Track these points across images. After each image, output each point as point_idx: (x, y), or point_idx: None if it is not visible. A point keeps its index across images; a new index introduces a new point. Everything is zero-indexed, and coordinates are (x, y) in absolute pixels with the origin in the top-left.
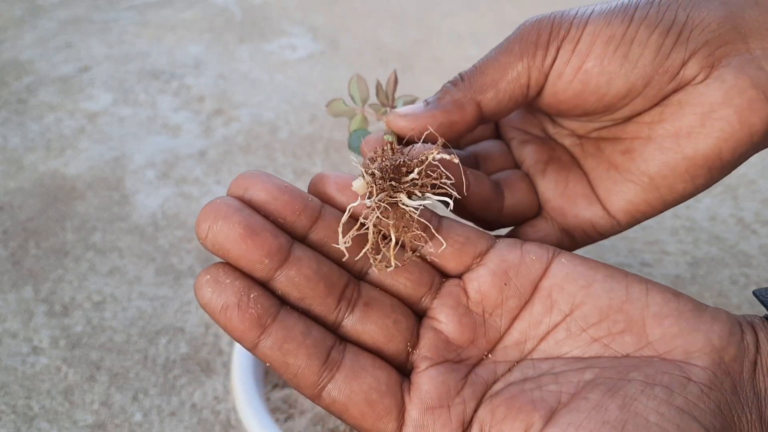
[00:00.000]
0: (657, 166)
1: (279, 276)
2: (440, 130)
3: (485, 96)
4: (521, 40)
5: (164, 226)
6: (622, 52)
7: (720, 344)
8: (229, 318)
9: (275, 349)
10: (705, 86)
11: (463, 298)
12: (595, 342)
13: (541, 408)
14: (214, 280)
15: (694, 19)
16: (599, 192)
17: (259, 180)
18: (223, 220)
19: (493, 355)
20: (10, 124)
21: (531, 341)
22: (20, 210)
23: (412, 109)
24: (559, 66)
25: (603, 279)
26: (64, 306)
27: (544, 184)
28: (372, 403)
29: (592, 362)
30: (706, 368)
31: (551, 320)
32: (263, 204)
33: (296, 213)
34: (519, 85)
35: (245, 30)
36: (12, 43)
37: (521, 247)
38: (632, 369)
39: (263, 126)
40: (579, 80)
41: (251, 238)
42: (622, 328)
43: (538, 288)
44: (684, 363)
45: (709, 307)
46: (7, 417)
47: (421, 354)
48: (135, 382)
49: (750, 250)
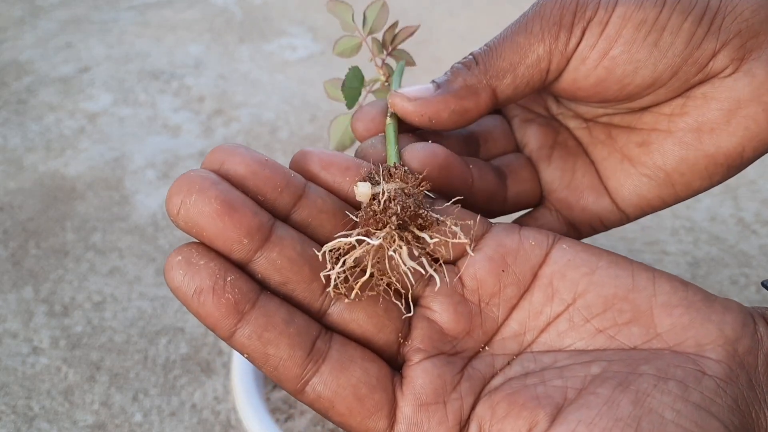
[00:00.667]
0: (675, 162)
1: (259, 258)
2: (452, 118)
3: (502, 82)
4: (542, 18)
5: (164, 226)
6: (652, 39)
7: (734, 335)
8: (202, 303)
9: (254, 338)
10: (733, 80)
11: (458, 286)
12: (600, 333)
13: (546, 405)
14: (186, 261)
15: (728, 5)
16: (609, 184)
17: (237, 153)
18: (197, 194)
19: (491, 348)
20: (10, 124)
21: (531, 333)
22: (20, 210)
23: (422, 92)
24: (583, 50)
25: (607, 266)
26: (64, 306)
27: (550, 173)
28: (361, 398)
29: (598, 355)
30: (721, 361)
31: (552, 310)
32: (242, 179)
33: (278, 190)
34: (539, 69)
35: (245, 30)
36: (12, 43)
37: (519, 232)
38: (642, 362)
39: (263, 126)
40: (604, 67)
41: (228, 215)
42: (629, 318)
43: (538, 275)
44: (697, 356)
45: (718, 297)
46: (7, 417)
47: (413, 345)
48: (135, 383)
49: (750, 250)
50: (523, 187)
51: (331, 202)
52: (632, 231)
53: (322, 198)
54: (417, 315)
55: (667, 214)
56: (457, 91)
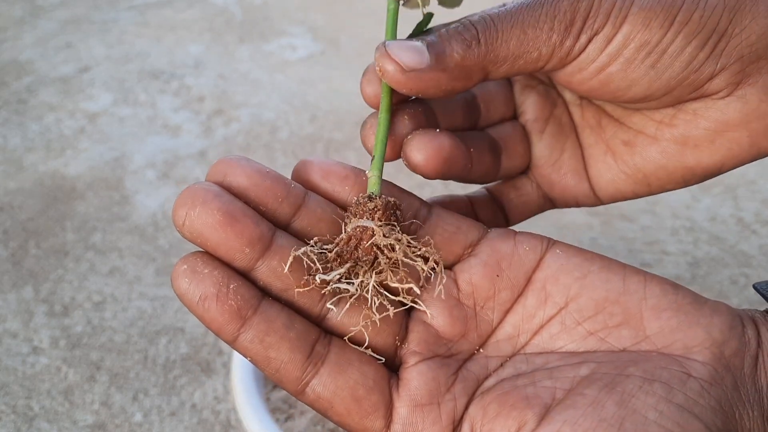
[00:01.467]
0: (654, 168)
1: (260, 266)
2: (438, 94)
3: (497, 69)
4: (554, 16)
5: (164, 227)
6: (650, 61)
7: (721, 338)
8: (207, 309)
9: (256, 342)
10: (725, 103)
11: (453, 290)
12: (591, 336)
13: (534, 405)
14: (191, 269)
15: (735, 27)
16: (590, 171)
17: (239, 165)
18: (201, 206)
19: (485, 350)
20: (10, 124)
21: (524, 335)
22: (20, 210)
23: (416, 61)
24: (583, 62)
25: (599, 270)
26: (64, 306)
27: (540, 148)
28: (358, 399)
29: (588, 357)
30: (707, 363)
31: (545, 313)
32: (244, 190)
33: (278, 200)
34: (536, 66)
35: (245, 30)
36: (12, 43)
37: (514, 238)
38: (630, 364)
39: (263, 126)
40: (598, 80)
41: (231, 226)
42: (619, 321)
43: (532, 280)
44: (683, 358)
45: (708, 300)
46: (7, 417)
47: (410, 348)
48: (135, 383)
49: (750, 250)
50: (515, 163)
51: (330, 211)
52: (632, 231)
53: (321, 207)
54: (413, 318)
55: (667, 214)
56: (451, 70)
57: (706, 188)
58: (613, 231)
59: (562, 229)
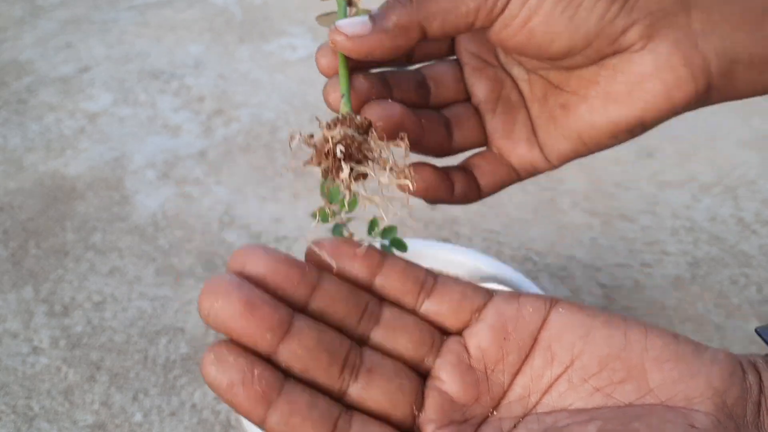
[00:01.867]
0: (586, 126)
1: (281, 349)
2: (386, 54)
3: (431, 25)
4: None
5: (164, 227)
6: (568, 15)
7: (722, 387)
8: (235, 395)
9: (282, 424)
10: (639, 56)
11: (464, 356)
12: (597, 392)
13: None
14: (218, 358)
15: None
16: (539, 139)
17: (255, 254)
18: (222, 298)
19: (498, 412)
20: (10, 124)
21: (534, 395)
22: (20, 210)
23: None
24: (506, 17)
25: (601, 326)
26: (64, 306)
27: (492, 124)
28: None
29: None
30: (709, 414)
31: (552, 372)
32: (262, 277)
33: (294, 284)
34: (466, 22)
35: (245, 30)
36: (12, 43)
37: (518, 300)
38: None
39: (263, 126)
40: (523, 34)
41: (251, 314)
42: (623, 376)
43: (538, 340)
44: (687, 409)
45: (708, 348)
46: (7, 417)
47: (427, 417)
48: (135, 382)
49: (750, 250)
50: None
51: (344, 290)
52: (632, 231)
53: (335, 286)
54: (429, 386)
55: (667, 214)
56: (390, 30)
57: (706, 188)
58: (613, 231)
59: (561, 230)
